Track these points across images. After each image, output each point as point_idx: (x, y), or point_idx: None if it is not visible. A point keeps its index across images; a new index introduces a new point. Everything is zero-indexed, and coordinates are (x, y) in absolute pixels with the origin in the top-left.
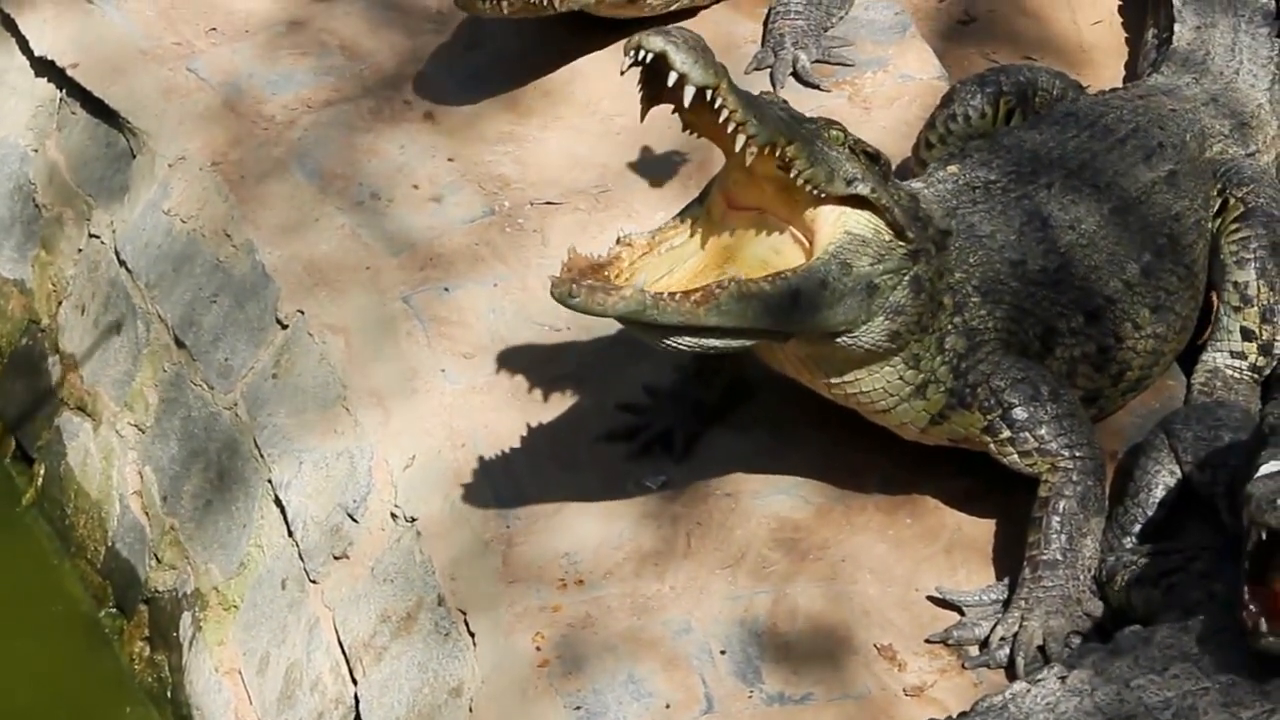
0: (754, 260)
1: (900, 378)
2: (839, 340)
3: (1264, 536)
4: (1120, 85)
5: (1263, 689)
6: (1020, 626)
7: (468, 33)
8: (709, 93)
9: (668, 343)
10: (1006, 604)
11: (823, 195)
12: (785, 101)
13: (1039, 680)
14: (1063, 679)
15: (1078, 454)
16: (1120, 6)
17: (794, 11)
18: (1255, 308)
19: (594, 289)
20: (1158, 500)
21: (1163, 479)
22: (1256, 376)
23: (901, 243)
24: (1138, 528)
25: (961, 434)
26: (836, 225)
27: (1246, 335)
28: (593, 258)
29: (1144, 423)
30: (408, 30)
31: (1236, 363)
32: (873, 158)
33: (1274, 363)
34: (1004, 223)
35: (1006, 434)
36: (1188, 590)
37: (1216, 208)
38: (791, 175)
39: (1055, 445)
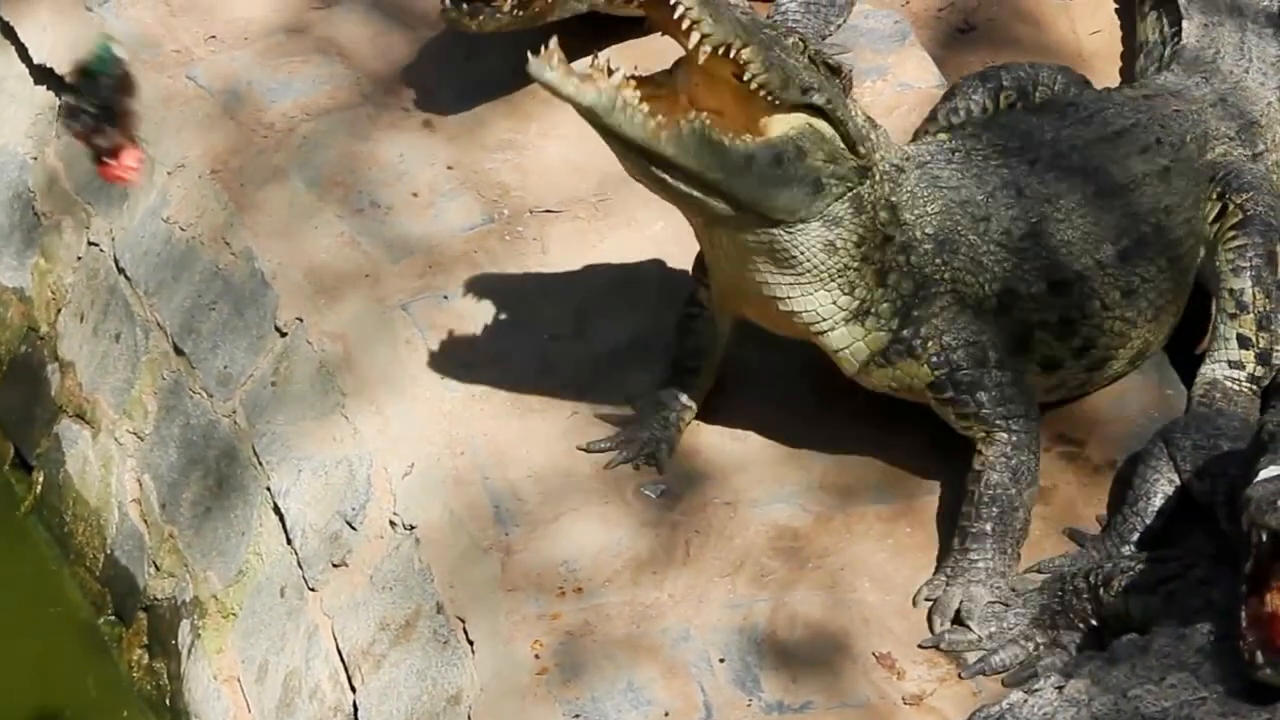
0: None
1: (834, 302)
2: (776, 233)
3: (1264, 538)
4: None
5: (1260, 698)
6: (943, 591)
7: (467, 41)
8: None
9: (622, 157)
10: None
11: (777, 102)
12: (750, 7)
13: (1036, 690)
14: (1060, 689)
15: (1014, 426)
16: (1118, 14)
17: (792, 20)
18: (1251, 314)
19: (570, 72)
20: (1156, 509)
21: (1162, 488)
22: (1255, 388)
23: (852, 156)
24: (1136, 536)
25: (906, 384)
26: (795, 121)
27: (1243, 343)
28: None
29: (1143, 432)
30: (406, 38)
31: (1235, 373)
32: (833, 70)
33: (1272, 373)
34: (976, 183)
35: (950, 393)
36: (1186, 597)
37: (1215, 213)
38: (746, 79)
39: (993, 414)
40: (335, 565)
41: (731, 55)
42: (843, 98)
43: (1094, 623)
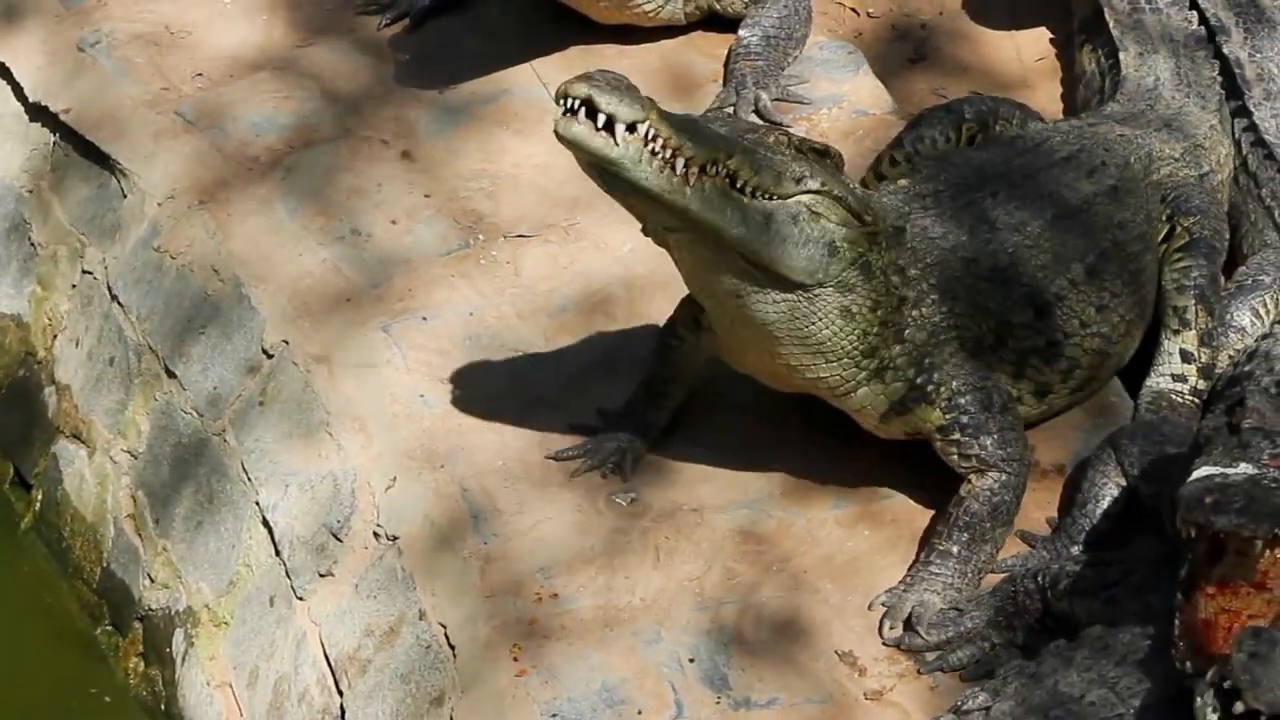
0: None
1: (856, 364)
2: (795, 300)
3: (1194, 535)
4: (1063, 115)
5: (1175, 712)
6: (897, 597)
7: (444, 74)
8: (641, 126)
9: (645, 215)
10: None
11: (775, 199)
12: (732, 116)
13: (966, 713)
14: (986, 710)
15: (1007, 469)
16: (1060, 43)
17: (754, 53)
18: (1193, 331)
19: (596, 129)
20: (1104, 511)
21: (1109, 491)
22: (1197, 401)
23: (860, 223)
24: (1085, 537)
25: (917, 428)
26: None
27: (1185, 358)
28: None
29: (1091, 438)
30: (385, 73)
31: (1178, 386)
32: (821, 153)
33: (1213, 386)
34: (954, 225)
35: (956, 435)
36: (1125, 603)
37: (1164, 233)
38: (739, 187)
39: (993, 455)
40: (322, 575)
41: (720, 170)
42: (836, 175)
43: (1046, 622)
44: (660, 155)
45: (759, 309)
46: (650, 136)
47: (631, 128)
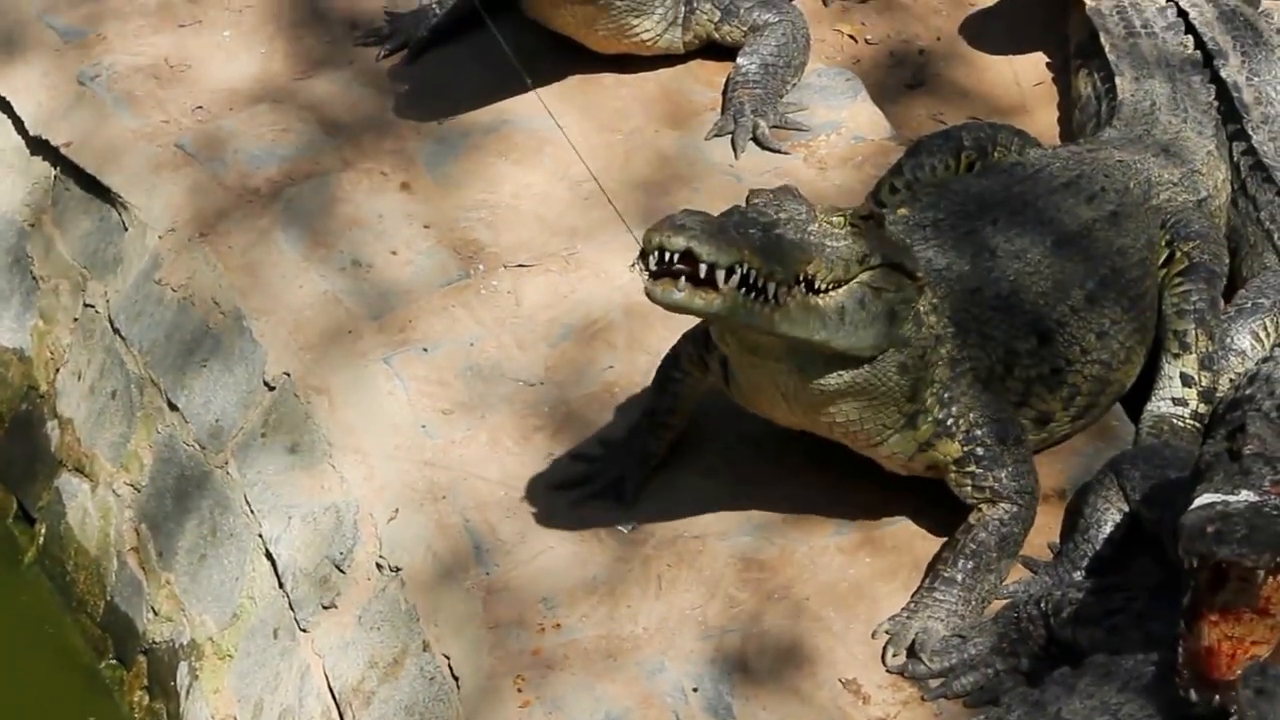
0: None
1: (899, 410)
2: (860, 370)
3: (1196, 564)
4: (1060, 140)
5: None
6: (901, 624)
7: (443, 105)
8: (736, 265)
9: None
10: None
11: (841, 286)
12: (779, 196)
13: None
14: None
15: (1019, 501)
16: (1058, 67)
17: (752, 80)
18: (1194, 354)
19: (694, 290)
20: (1106, 536)
21: (1111, 516)
22: (1198, 425)
23: (910, 279)
24: (1087, 562)
25: (936, 461)
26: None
27: (1186, 381)
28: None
29: (1092, 463)
30: (384, 105)
31: (1179, 410)
32: (866, 218)
33: (1213, 410)
34: (956, 255)
35: (972, 468)
36: (1128, 631)
37: (1163, 258)
38: (818, 288)
39: (1008, 488)
40: (325, 607)
41: (802, 279)
42: (887, 240)
43: (1050, 649)
44: (752, 292)
45: (822, 383)
46: (745, 273)
47: (730, 271)
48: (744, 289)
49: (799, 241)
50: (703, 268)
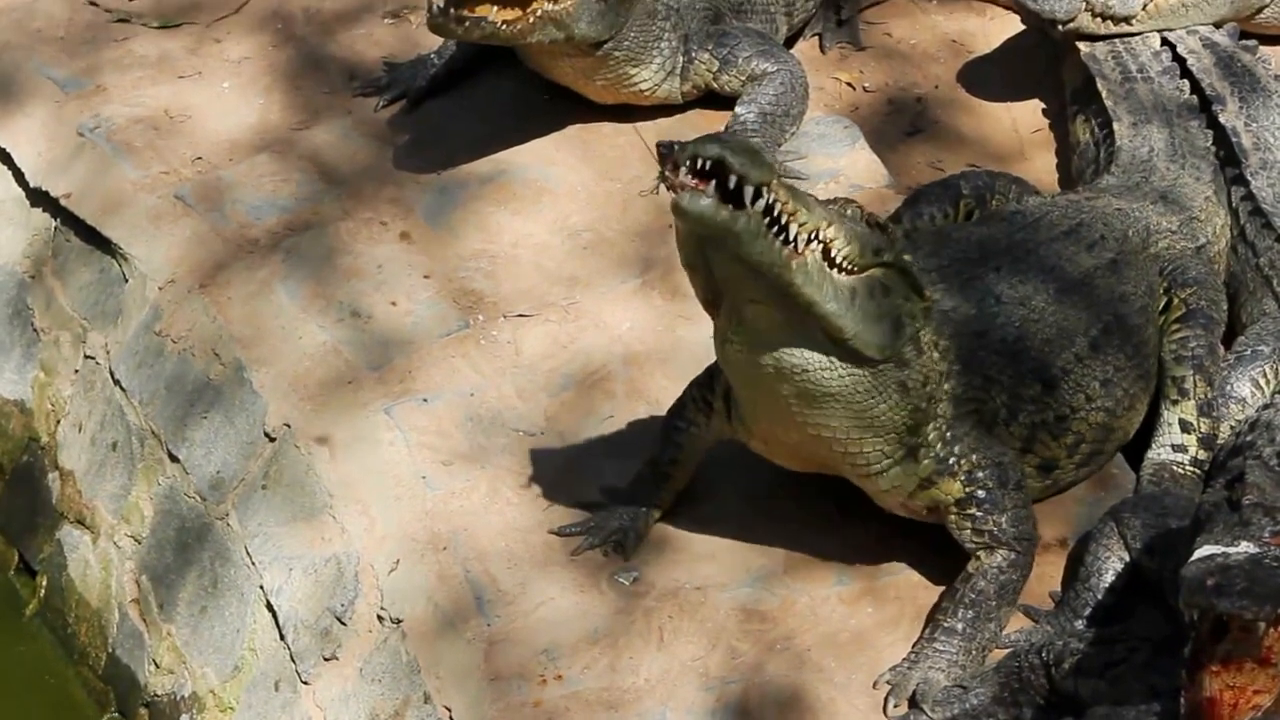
0: None
1: (899, 440)
2: (860, 374)
3: (1195, 618)
4: (1059, 186)
5: None
6: (902, 675)
7: (442, 155)
8: (765, 192)
9: (731, 276)
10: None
11: (855, 269)
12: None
13: None
14: None
15: (1017, 548)
16: (1055, 114)
17: (750, 129)
18: (1192, 400)
19: (720, 206)
20: (1108, 585)
21: (1112, 565)
22: (1198, 471)
23: (919, 298)
24: (1089, 611)
25: (937, 501)
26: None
27: (1185, 428)
28: None
29: (1092, 511)
30: (383, 155)
31: (1178, 456)
32: (881, 227)
33: (1213, 456)
34: (963, 299)
35: (973, 510)
36: (1130, 682)
37: (1162, 305)
38: (833, 255)
39: (1007, 534)
40: (326, 659)
41: (821, 236)
42: (897, 248)
43: (1052, 699)
44: (775, 226)
45: (823, 381)
46: (770, 202)
47: (757, 193)
48: (768, 225)
49: (823, 202)
50: (732, 179)
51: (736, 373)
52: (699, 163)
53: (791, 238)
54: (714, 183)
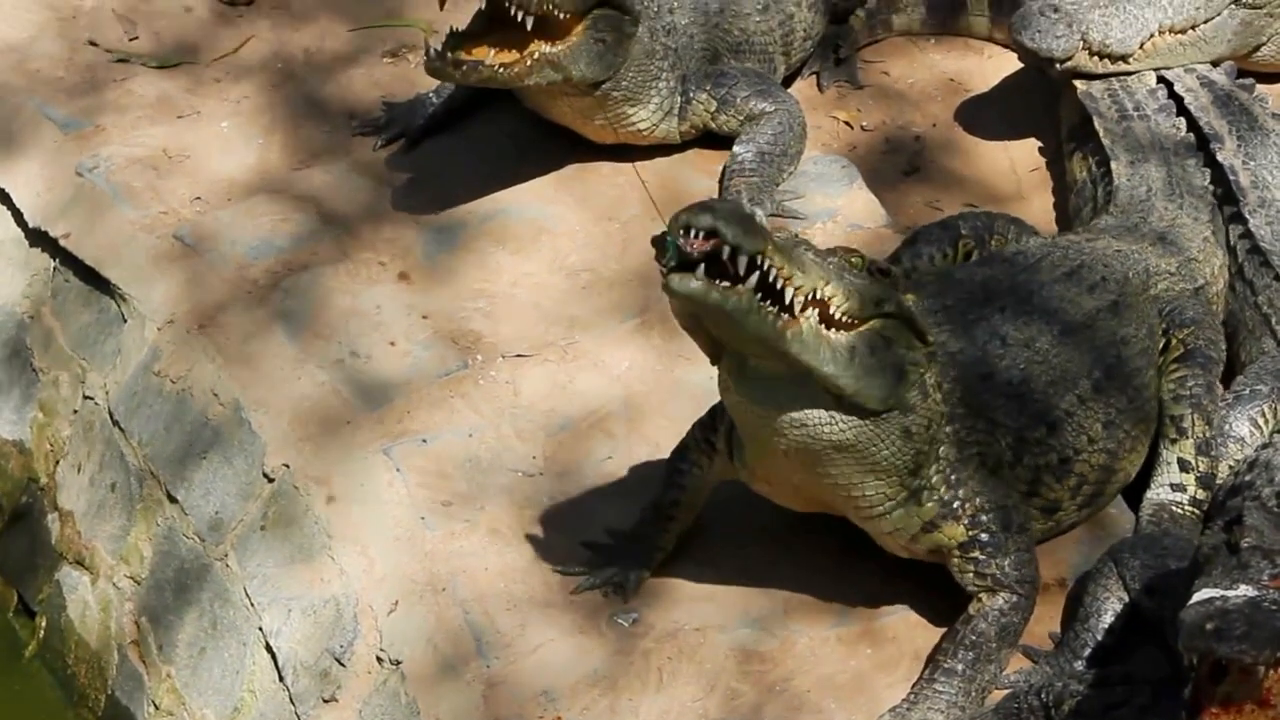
0: None
1: (901, 484)
2: (864, 425)
3: (1194, 661)
4: (1057, 225)
5: None
6: (901, 716)
7: (440, 195)
8: (758, 260)
9: (745, 353)
10: None
11: (855, 322)
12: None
13: None
14: None
15: (1019, 591)
16: (1053, 152)
17: (749, 169)
18: (1190, 440)
19: (711, 283)
20: (1107, 626)
21: (1111, 605)
22: (1197, 511)
23: (921, 344)
24: (1088, 652)
25: (939, 544)
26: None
27: (1184, 467)
28: None
29: (1092, 552)
30: (381, 194)
31: (1177, 496)
32: (885, 273)
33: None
34: (968, 341)
35: (976, 553)
36: None
37: (1160, 346)
38: (831, 311)
39: (1010, 577)
40: (326, 701)
41: (819, 296)
42: (899, 296)
43: None
44: (769, 295)
45: (826, 435)
46: (765, 269)
47: (751, 263)
48: (761, 293)
49: (820, 261)
50: (725, 250)
51: (740, 420)
52: (693, 233)
53: (788, 302)
54: (702, 266)
